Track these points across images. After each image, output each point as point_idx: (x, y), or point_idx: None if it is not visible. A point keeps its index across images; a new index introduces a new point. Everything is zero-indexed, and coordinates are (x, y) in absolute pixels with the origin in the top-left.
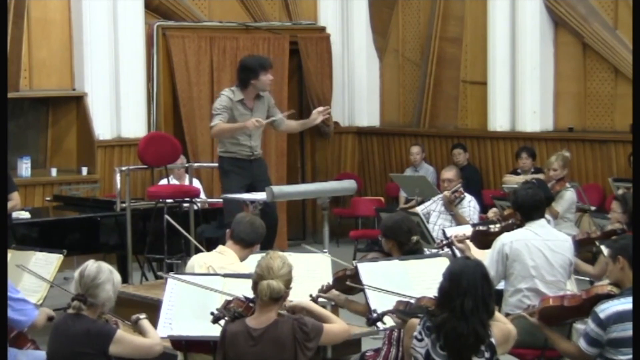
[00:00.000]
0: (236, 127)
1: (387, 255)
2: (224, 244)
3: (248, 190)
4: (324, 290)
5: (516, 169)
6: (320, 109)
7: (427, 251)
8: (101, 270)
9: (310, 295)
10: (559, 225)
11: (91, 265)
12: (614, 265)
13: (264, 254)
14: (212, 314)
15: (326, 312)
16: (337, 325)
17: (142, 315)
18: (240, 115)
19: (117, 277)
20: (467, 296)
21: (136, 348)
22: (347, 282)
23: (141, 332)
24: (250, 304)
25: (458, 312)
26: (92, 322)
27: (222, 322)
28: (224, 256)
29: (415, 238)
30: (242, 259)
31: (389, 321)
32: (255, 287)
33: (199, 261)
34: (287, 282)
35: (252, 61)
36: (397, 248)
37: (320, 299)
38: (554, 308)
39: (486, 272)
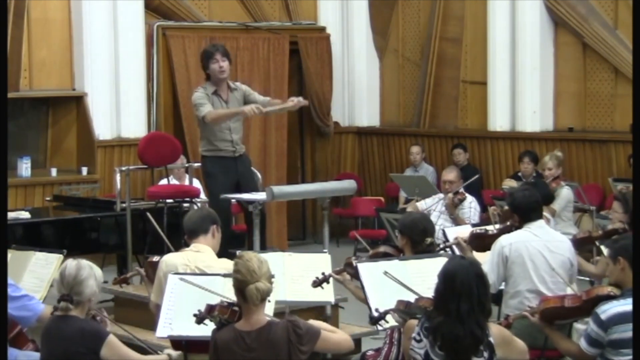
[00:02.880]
0: (233, 112)
1: (400, 251)
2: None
3: (234, 189)
4: (337, 271)
5: (517, 172)
6: (298, 100)
7: None
8: (81, 267)
9: (323, 274)
10: (557, 225)
11: (70, 264)
12: (615, 266)
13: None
14: (195, 315)
15: (329, 326)
16: (338, 335)
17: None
18: (215, 109)
19: (98, 271)
20: (462, 298)
21: (125, 359)
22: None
23: None
24: (235, 309)
25: (454, 315)
26: (84, 321)
27: (207, 322)
28: (203, 253)
29: (429, 240)
30: (214, 247)
31: (391, 320)
32: (241, 292)
33: (175, 262)
34: (269, 278)
35: (202, 52)
36: (410, 246)
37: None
38: (555, 308)
39: (481, 271)
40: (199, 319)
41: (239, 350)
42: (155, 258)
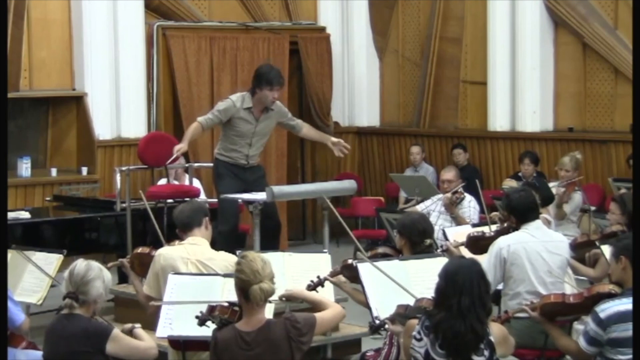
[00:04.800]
0: (186, 141)
1: (399, 252)
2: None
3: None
4: (332, 274)
5: (517, 172)
6: (342, 145)
7: None
8: (90, 268)
9: (318, 277)
10: (562, 226)
11: (80, 263)
12: (616, 265)
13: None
14: (197, 317)
15: (320, 297)
16: (331, 311)
17: (137, 325)
18: (243, 123)
19: (107, 274)
20: (464, 294)
21: (132, 349)
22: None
23: (136, 339)
24: (235, 308)
25: (455, 311)
26: (88, 320)
27: (208, 323)
28: (201, 246)
29: (428, 241)
30: (208, 239)
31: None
32: (244, 292)
33: (173, 255)
34: (272, 279)
35: (263, 72)
36: (409, 247)
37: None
38: (556, 304)
39: (482, 269)
40: (201, 320)
41: (239, 349)
42: (141, 249)
